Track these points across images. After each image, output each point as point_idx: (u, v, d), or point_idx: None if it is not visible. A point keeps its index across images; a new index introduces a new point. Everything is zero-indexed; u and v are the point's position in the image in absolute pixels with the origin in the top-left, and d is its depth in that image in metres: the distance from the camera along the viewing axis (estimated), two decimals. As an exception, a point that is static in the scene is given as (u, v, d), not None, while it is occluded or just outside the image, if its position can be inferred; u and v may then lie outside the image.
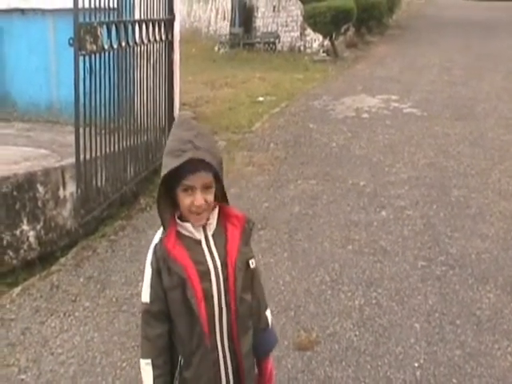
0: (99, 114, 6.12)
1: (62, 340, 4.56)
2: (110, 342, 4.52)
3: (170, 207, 2.46)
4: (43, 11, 8.05)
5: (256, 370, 2.67)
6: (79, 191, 5.94)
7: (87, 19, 5.80)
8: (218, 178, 2.43)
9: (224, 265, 2.46)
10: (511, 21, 24.02)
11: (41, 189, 5.87)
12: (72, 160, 6.00)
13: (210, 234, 2.48)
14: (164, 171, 2.35)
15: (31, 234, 5.79)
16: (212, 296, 2.44)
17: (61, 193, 6.08)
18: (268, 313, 2.71)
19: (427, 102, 11.81)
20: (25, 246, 5.75)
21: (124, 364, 4.28)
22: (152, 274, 2.46)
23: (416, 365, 4.22)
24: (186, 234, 2.46)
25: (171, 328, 2.51)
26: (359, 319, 4.74)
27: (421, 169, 8.07)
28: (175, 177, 2.36)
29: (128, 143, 6.85)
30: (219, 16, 27.12)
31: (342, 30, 18.78)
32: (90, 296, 5.15)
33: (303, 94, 12.90)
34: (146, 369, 2.51)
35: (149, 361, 2.49)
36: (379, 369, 4.17)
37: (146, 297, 2.49)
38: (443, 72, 14.83)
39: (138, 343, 4.37)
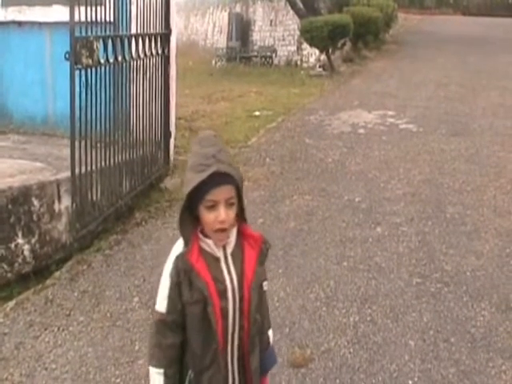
0: (95, 128, 6.11)
1: (56, 355, 4.53)
2: (104, 358, 4.49)
3: (191, 223, 2.46)
4: (40, 24, 8.05)
5: None
6: (74, 205, 5.93)
7: (83, 33, 5.80)
8: (238, 196, 2.44)
9: (240, 285, 2.48)
10: (507, 37, 24.17)
11: (36, 202, 5.85)
12: (67, 173, 5.99)
13: (229, 252, 2.50)
14: (188, 187, 2.36)
15: (26, 247, 5.76)
16: (228, 315, 2.46)
17: (56, 206, 6.06)
18: (270, 332, 2.75)
19: (423, 117, 11.86)
20: (19, 260, 5.72)
21: (118, 380, 4.26)
22: (171, 285, 2.45)
23: (410, 382, 4.20)
24: (207, 250, 2.47)
25: (184, 341, 2.52)
26: (354, 336, 4.73)
27: (416, 185, 8.08)
28: (197, 193, 2.37)
29: (124, 157, 6.85)
30: (216, 29, 27.26)
31: (339, 45, 18.88)
32: (84, 311, 5.13)
33: (299, 109, 12.94)
34: (157, 378, 2.52)
35: (161, 370, 2.50)
36: (373, 387, 4.17)
37: (161, 307, 2.49)
38: (439, 88, 14.90)
39: (132, 359, 4.43)
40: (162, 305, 2.50)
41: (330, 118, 11.89)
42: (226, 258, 2.48)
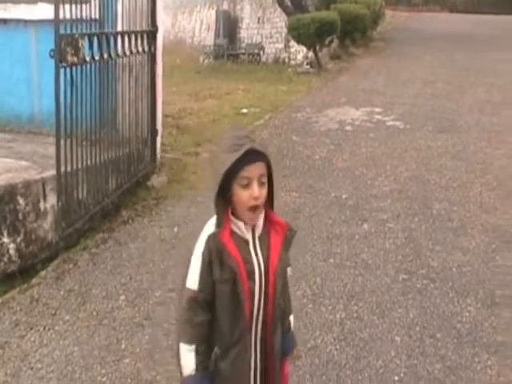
0: (81, 126, 6.09)
1: (42, 354, 4.51)
2: (89, 357, 4.47)
3: (222, 205, 2.54)
4: (25, 22, 7.99)
5: None
6: (60, 203, 5.90)
7: (68, 31, 5.79)
8: (268, 179, 2.54)
9: (266, 269, 2.56)
10: (495, 34, 24.27)
11: (21, 201, 5.82)
12: (53, 172, 5.95)
13: (257, 235, 2.58)
14: (225, 166, 2.44)
15: (11, 246, 5.73)
16: (254, 296, 2.54)
17: (42, 205, 6.03)
18: (291, 318, 2.87)
19: (410, 114, 11.89)
20: (5, 259, 5.69)
21: (104, 379, 4.24)
22: (203, 264, 2.51)
23: (396, 378, 4.22)
24: (237, 231, 2.54)
25: (211, 319, 2.58)
26: (340, 333, 4.73)
27: (403, 182, 8.11)
28: (231, 173, 2.45)
29: (110, 155, 6.82)
30: (204, 27, 27.19)
31: (326, 42, 18.85)
32: (70, 309, 5.10)
33: (287, 106, 12.94)
34: (188, 355, 2.57)
35: (192, 347, 2.55)
36: (359, 383, 4.16)
37: (193, 284, 2.54)
38: (426, 85, 14.94)
39: (118, 357, 4.42)
40: (193, 283, 2.54)
41: (317, 115, 11.90)
42: (254, 240, 2.56)
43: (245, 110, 12.75)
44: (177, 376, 4.11)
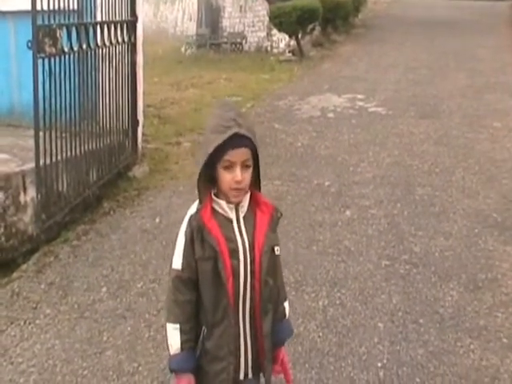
0: (60, 118, 6.04)
1: (22, 349, 4.46)
2: (71, 350, 4.43)
3: (207, 183, 2.57)
4: (4, 13, 7.89)
5: None
6: (40, 196, 5.85)
7: (46, 21, 5.73)
8: (254, 162, 2.54)
9: (251, 247, 2.57)
10: (474, 20, 24.35)
11: (1, 194, 5.75)
12: (33, 164, 5.90)
13: (241, 215, 2.59)
14: (210, 148, 2.45)
15: (-9, 240, 5.69)
16: (239, 274, 2.55)
17: (22, 198, 5.97)
18: (286, 304, 2.85)
19: (392, 100, 11.90)
20: (-15, 253, 5.65)
21: (85, 372, 4.20)
22: (185, 243, 2.55)
23: (379, 365, 4.20)
24: (220, 211, 2.57)
25: (197, 298, 2.60)
26: (323, 320, 4.72)
27: (385, 168, 8.10)
28: (216, 153, 2.46)
29: (90, 146, 6.77)
30: (186, 16, 27.06)
31: (308, 30, 18.82)
32: (51, 303, 5.05)
33: (269, 95, 12.93)
34: (174, 333, 2.60)
35: (177, 326, 2.59)
36: (342, 370, 4.14)
37: (177, 264, 2.58)
38: (408, 71, 14.97)
39: (100, 350, 4.39)
40: (177, 262, 2.58)
41: (299, 102, 11.88)
42: (238, 220, 2.58)
43: (226, 99, 12.70)
44: (159, 367, 4.16)
